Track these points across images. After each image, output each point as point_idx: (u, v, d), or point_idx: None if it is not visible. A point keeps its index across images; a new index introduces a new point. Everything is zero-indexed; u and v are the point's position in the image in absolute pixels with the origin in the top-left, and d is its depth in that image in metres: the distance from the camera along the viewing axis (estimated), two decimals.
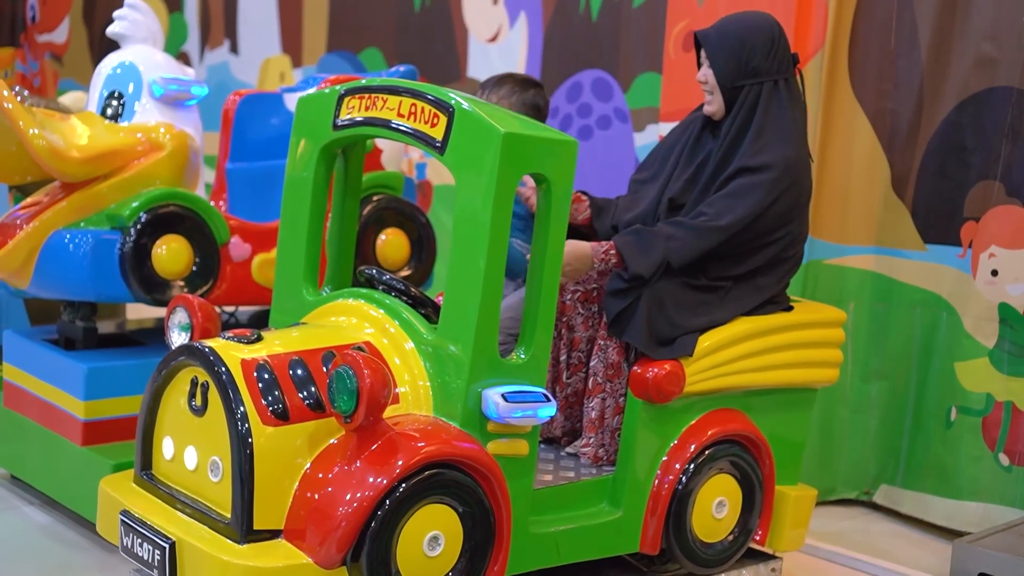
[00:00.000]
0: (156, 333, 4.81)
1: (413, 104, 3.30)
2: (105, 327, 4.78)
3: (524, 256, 3.63)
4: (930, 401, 4.64)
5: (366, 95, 3.44)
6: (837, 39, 4.69)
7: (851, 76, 4.72)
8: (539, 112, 4.01)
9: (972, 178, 4.46)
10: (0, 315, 5.21)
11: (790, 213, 3.58)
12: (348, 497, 2.94)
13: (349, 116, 3.47)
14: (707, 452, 3.62)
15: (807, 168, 3.63)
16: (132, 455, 4.04)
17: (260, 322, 4.94)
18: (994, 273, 4.42)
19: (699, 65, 3.71)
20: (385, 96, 3.38)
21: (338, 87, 3.53)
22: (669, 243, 3.45)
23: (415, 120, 3.29)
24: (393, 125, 3.34)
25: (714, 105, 3.66)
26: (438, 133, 3.22)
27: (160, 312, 5.14)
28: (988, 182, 4.42)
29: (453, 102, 3.22)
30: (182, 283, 4.37)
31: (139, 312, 5.50)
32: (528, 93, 4.02)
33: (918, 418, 4.69)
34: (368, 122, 3.42)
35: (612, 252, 3.50)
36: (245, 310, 5.07)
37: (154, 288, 4.32)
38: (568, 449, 3.75)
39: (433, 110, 3.25)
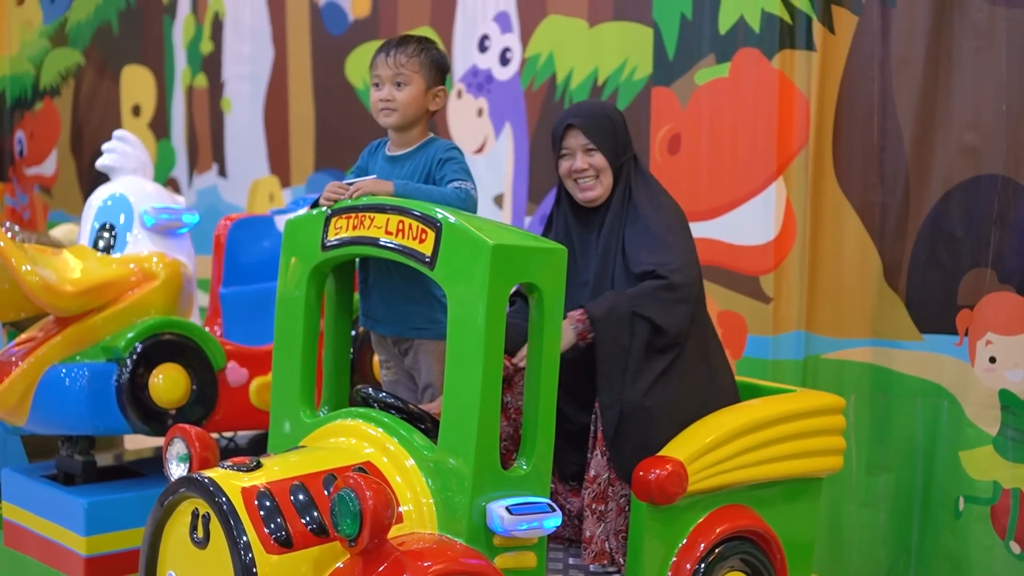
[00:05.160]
0: (155, 463, 4.78)
1: (400, 221, 3.32)
2: (104, 459, 4.76)
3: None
4: (937, 491, 4.61)
5: (353, 215, 3.45)
6: (820, 135, 4.73)
7: (836, 171, 4.75)
8: (443, 70, 3.80)
9: (964, 266, 4.47)
10: None
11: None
12: None
13: (337, 236, 3.49)
14: (716, 551, 3.59)
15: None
16: None
17: (260, 446, 4.92)
18: (992, 360, 4.42)
19: (561, 159, 3.83)
20: (372, 214, 3.40)
21: (324, 208, 3.54)
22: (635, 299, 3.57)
23: (403, 237, 3.31)
24: (381, 243, 3.36)
25: (597, 190, 3.80)
26: (427, 248, 3.24)
27: (159, 442, 5.11)
28: (980, 269, 4.42)
29: (440, 217, 3.23)
30: (174, 412, 4.34)
31: (137, 443, 5.48)
32: (433, 51, 3.78)
33: (926, 509, 4.65)
34: (356, 241, 3.44)
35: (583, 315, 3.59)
36: (244, 434, 5.05)
37: (152, 418, 4.31)
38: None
39: (420, 226, 3.27)
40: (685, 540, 3.57)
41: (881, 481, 4.74)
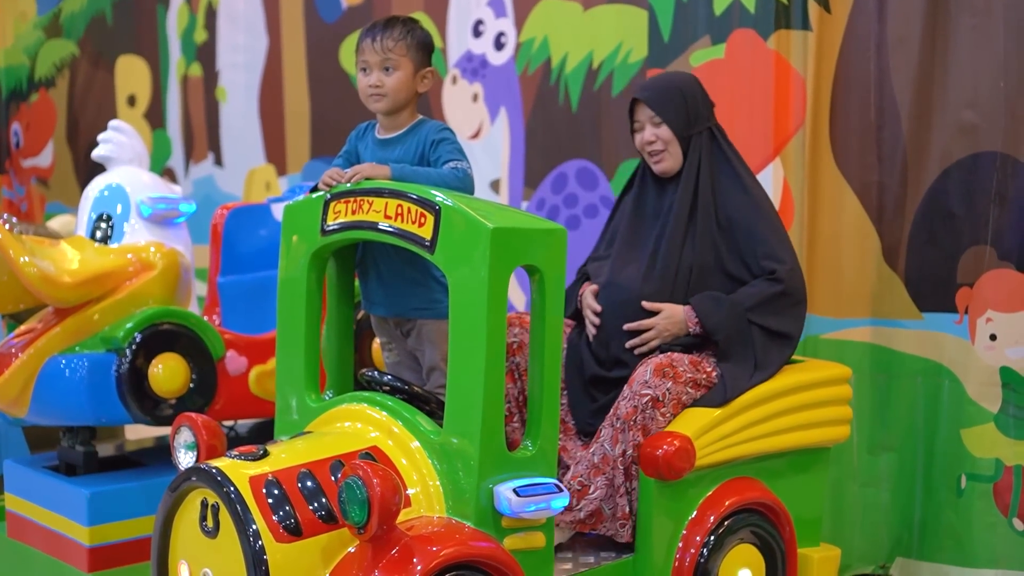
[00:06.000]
0: (156, 453, 4.79)
1: (399, 205, 3.32)
2: (105, 450, 4.76)
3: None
4: (939, 470, 4.61)
5: (352, 199, 3.45)
6: (817, 115, 4.72)
7: (834, 151, 4.74)
8: (429, 50, 3.74)
9: (963, 244, 4.47)
10: None
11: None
12: None
13: (336, 221, 3.48)
14: (726, 524, 3.61)
15: None
16: None
17: (261, 434, 4.93)
18: (992, 337, 4.42)
19: (634, 132, 3.93)
20: (371, 199, 3.40)
21: (324, 193, 3.54)
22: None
23: (402, 221, 3.30)
24: (380, 227, 3.36)
25: (668, 161, 3.87)
26: (426, 232, 3.24)
27: (159, 431, 5.12)
28: (979, 247, 4.42)
29: (438, 200, 3.23)
30: (174, 402, 4.35)
31: (138, 432, 5.48)
32: (419, 32, 3.72)
33: (928, 488, 4.66)
34: (355, 225, 3.44)
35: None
36: (244, 423, 5.05)
37: (152, 408, 4.31)
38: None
39: (419, 209, 3.27)
40: (694, 514, 3.59)
41: (883, 460, 4.74)
